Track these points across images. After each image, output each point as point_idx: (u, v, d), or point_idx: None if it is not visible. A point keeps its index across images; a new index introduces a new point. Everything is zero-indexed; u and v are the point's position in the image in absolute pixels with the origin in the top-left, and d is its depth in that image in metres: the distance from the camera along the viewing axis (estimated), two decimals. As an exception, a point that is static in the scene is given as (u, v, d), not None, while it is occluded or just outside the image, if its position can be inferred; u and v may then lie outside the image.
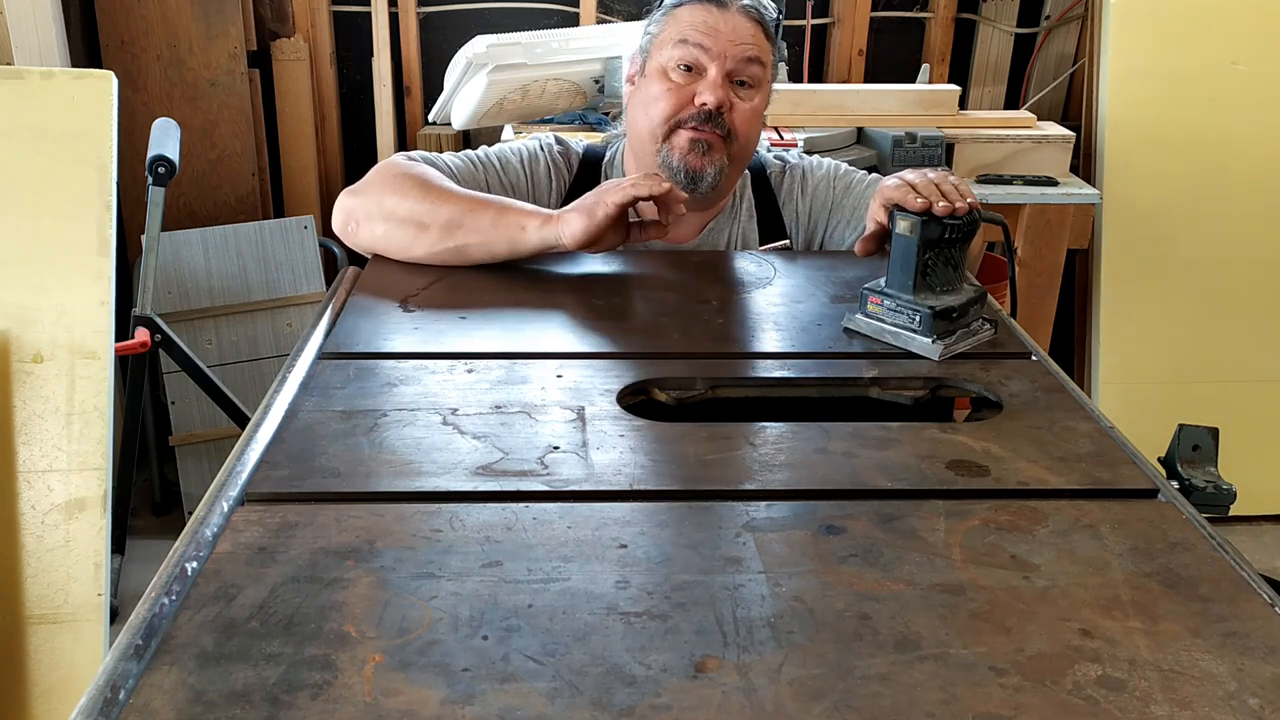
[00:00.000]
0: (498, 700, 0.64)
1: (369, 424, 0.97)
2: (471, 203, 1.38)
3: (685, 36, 1.47)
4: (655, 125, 1.50)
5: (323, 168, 3.08)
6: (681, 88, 1.48)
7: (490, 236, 1.35)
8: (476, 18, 3.02)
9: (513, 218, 1.35)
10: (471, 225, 1.35)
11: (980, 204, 1.22)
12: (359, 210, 1.41)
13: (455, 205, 1.37)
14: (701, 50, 1.47)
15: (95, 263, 1.94)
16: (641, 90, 1.53)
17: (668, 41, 1.49)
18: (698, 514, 0.85)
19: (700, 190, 1.51)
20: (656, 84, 1.49)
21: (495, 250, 1.36)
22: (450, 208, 1.36)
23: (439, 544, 0.79)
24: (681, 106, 1.48)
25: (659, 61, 1.50)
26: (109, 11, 2.81)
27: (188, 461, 2.84)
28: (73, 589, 1.86)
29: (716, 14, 1.48)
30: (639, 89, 1.54)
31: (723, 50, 1.46)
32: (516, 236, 1.35)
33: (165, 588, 0.74)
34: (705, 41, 1.47)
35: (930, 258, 1.17)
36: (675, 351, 1.17)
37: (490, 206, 1.37)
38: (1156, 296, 2.85)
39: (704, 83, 1.47)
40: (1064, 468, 0.93)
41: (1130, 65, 2.80)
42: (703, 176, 1.49)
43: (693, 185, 1.50)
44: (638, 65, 1.56)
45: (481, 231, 1.35)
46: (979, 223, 1.20)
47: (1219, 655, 0.69)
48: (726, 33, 1.47)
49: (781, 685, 0.66)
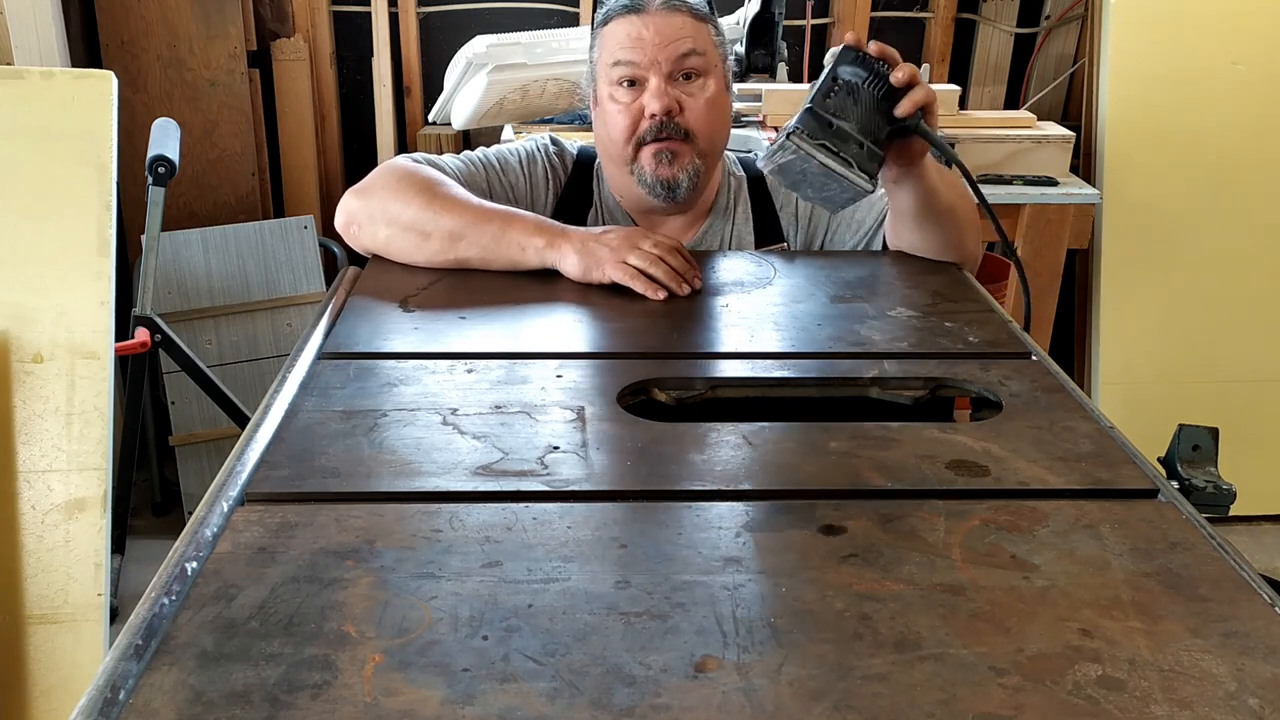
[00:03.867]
0: (498, 700, 0.64)
1: (369, 424, 0.97)
2: (475, 214, 1.37)
3: (616, 57, 1.48)
4: (619, 147, 1.51)
5: (323, 168, 3.08)
6: (629, 106, 1.49)
7: (491, 253, 1.36)
8: (476, 18, 3.02)
9: (514, 236, 1.35)
10: (474, 239, 1.36)
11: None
12: (361, 213, 1.41)
13: (459, 216, 1.37)
14: (633, 65, 1.47)
15: (95, 263, 1.94)
16: (599, 116, 1.55)
17: (605, 64, 1.51)
18: (698, 514, 0.85)
19: (679, 197, 1.52)
20: (609, 106, 1.51)
21: (494, 265, 1.37)
22: (453, 218, 1.36)
23: (439, 544, 0.79)
24: (635, 124, 1.49)
25: (603, 85, 1.51)
26: (109, 11, 2.81)
27: (188, 461, 2.84)
28: (73, 589, 1.86)
29: (638, 22, 1.48)
30: (597, 115, 1.56)
31: (653, 57, 1.46)
32: (517, 257, 1.36)
33: (165, 588, 0.74)
34: (634, 55, 1.47)
35: (839, 76, 1.25)
36: (675, 351, 1.17)
37: (494, 220, 1.37)
38: (1156, 296, 2.85)
39: (647, 93, 1.47)
40: (1064, 468, 0.93)
41: (1130, 65, 2.80)
42: (677, 184, 1.50)
43: (671, 194, 1.51)
44: (591, 92, 1.57)
45: (483, 247, 1.36)
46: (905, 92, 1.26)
47: (1219, 655, 0.69)
48: (651, 37, 1.46)
49: (781, 685, 0.66)
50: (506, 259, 1.36)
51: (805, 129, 1.22)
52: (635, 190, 1.53)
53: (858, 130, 1.23)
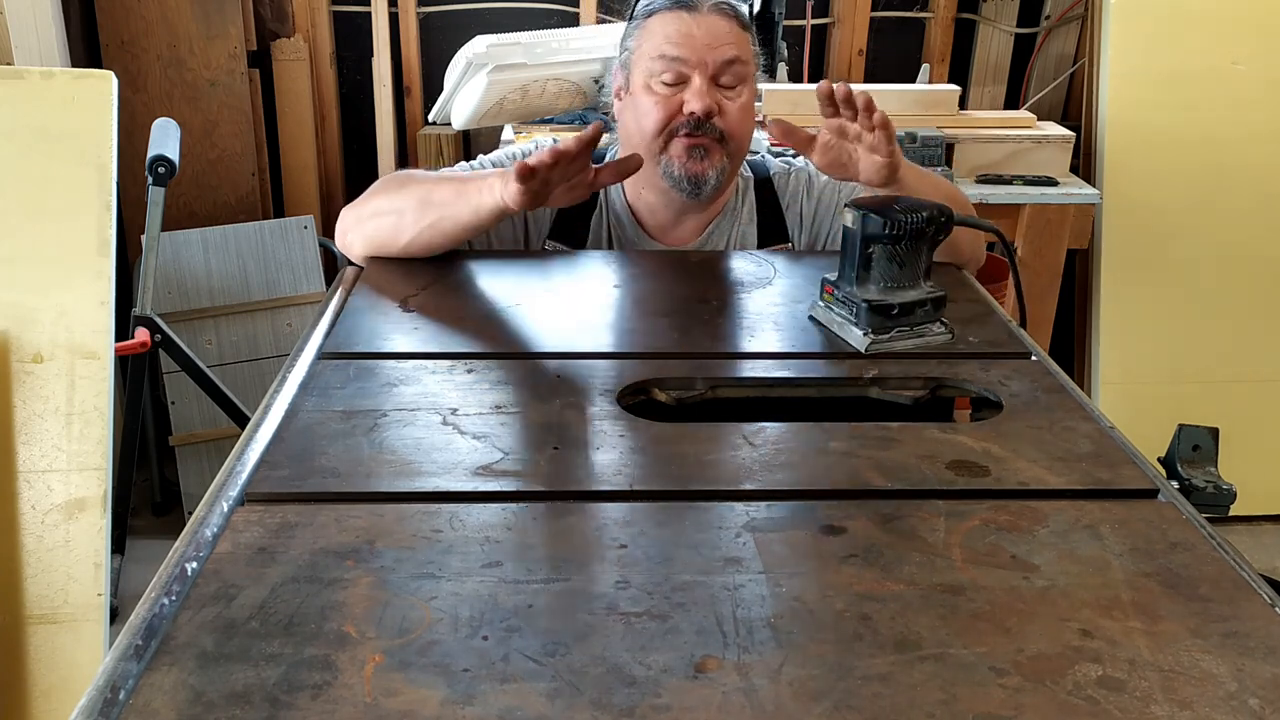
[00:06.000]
0: (498, 700, 0.64)
1: (369, 424, 0.97)
2: (437, 180, 1.41)
3: (662, 51, 1.47)
4: (650, 138, 1.50)
5: (323, 168, 3.08)
6: (669, 98, 1.48)
7: (458, 207, 1.37)
8: (476, 18, 3.02)
9: (473, 184, 1.36)
10: (439, 199, 1.38)
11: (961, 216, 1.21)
12: (349, 217, 1.45)
13: (423, 185, 1.40)
14: (681, 62, 1.47)
15: (95, 263, 1.94)
16: (630, 105, 1.54)
17: (646, 55, 1.49)
18: (698, 514, 0.85)
19: (704, 195, 1.52)
20: (644, 98, 1.50)
21: (462, 219, 1.37)
22: (418, 188, 1.40)
23: (439, 544, 0.79)
24: (672, 116, 1.48)
25: (642, 76, 1.50)
26: (109, 11, 2.81)
27: (188, 461, 2.84)
28: (73, 589, 1.86)
29: (689, 20, 1.47)
30: (627, 104, 1.55)
31: (701, 57, 1.46)
32: (477, 201, 1.36)
33: (165, 588, 0.74)
34: (682, 52, 1.46)
35: (874, 252, 1.18)
36: (675, 351, 1.17)
37: (454, 180, 1.39)
38: (1156, 296, 2.85)
39: (689, 91, 1.47)
40: (1064, 468, 0.93)
41: (1130, 65, 2.80)
42: (705, 180, 1.50)
43: (696, 191, 1.51)
44: (622, 80, 1.56)
45: (448, 204, 1.37)
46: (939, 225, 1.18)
47: (1219, 655, 0.69)
48: (702, 37, 1.46)
49: (781, 685, 0.66)
50: (470, 205, 1.36)
51: (872, 328, 1.17)
52: (658, 183, 1.53)
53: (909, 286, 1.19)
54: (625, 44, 1.55)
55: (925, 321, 1.19)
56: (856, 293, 1.18)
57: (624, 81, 1.56)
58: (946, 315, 1.21)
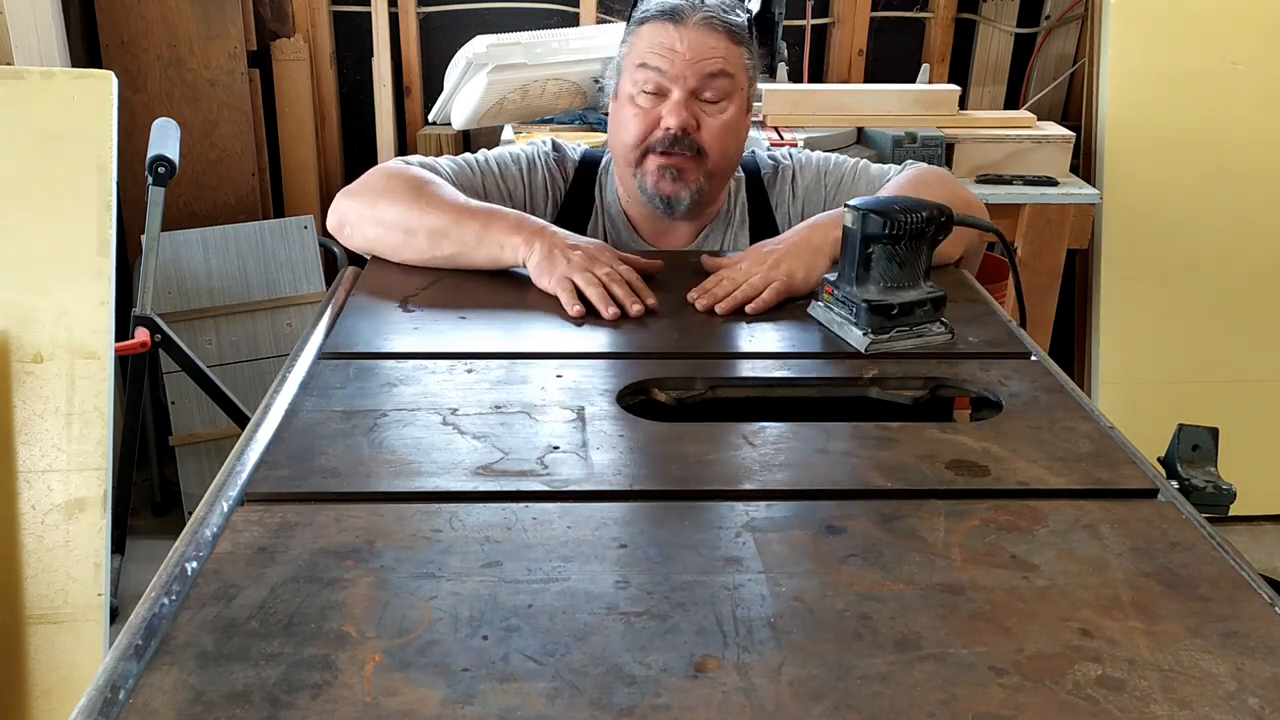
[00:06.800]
0: (498, 700, 0.64)
1: (369, 424, 0.97)
2: (459, 212, 1.37)
3: (645, 60, 1.46)
4: (627, 150, 1.49)
5: (323, 168, 3.08)
6: (647, 111, 1.47)
7: (474, 251, 1.35)
8: (476, 18, 3.02)
9: (495, 234, 1.34)
10: (457, 236, 1.35)
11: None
12: (351, 213, 1.42)
13: (443, 214, 1.36)
14: (660, 74, 1.45)
15: (95, 263, 1.94)
16: (614, 113, 1.54)
17: (632, 63, 1.48)
18: (698, 514, 0.85)
19: (678, 214, 1.52)
20: (626, 109, 1.49)
21: (477, 264, 1.36)
22: (437, 216, 1.36)
23: (439, 544, 0.79)
24: (649, 131, 1.47)
25: (627, 83, 1.50)
26: (109, 11, 2.81)
27: (188, 461, 2.84)
28: (73, 589, 1.86)
29: (674, 32, 1.45)
30: (614, 111, 1.54)
31: (681, 71, 1.45)
32: (496, 254, 1.35)
33: (165, 588, 0.74)
34: (663, 64, 1.45)
35: (874, 252, 1.18)
36: (675, 351, 1.17)
37: (476, 218, 1.36)
38: (1156, 296, 2.85)
39: (666, 106, 1.46)
40: (1064, 468, 0.93)
41: (1130, 65, 2.80)
42: (678, 201, 1.50)
43: (669, 210, 1.51)
44: (613, 85, 1.56)
45: (465, 244, 1.35)
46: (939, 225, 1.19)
47: (1219, 655, 0.69)
48: (684, 52, 1.44)
49: (781, 685, 0.66)
50: (488, 257, 1.35)
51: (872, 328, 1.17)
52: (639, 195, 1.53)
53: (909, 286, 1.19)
54: (620, 48, 1.55)
55: (925, 321, 1.19)
56: (856, 293, 1.18)
57: (615, 88, 1.55)
58: (946, 315, 1.21)
